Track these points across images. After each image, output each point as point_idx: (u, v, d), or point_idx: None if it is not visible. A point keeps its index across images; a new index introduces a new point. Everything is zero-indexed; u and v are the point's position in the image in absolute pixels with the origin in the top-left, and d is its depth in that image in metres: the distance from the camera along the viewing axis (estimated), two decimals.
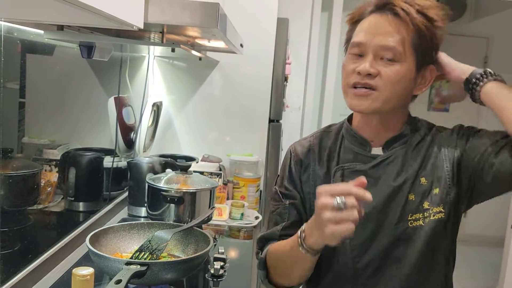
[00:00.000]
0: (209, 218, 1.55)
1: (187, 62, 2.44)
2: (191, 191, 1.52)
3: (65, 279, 1.28)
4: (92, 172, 1.63)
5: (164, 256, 1.28)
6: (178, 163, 1.64)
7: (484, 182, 1.00)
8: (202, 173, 1.94)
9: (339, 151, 1.11)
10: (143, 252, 1.19)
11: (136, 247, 1.24)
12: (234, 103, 2.44)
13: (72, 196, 1.54)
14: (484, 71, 1.02)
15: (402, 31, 0.98)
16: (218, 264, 1.33)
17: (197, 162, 2.20)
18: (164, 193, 1.50)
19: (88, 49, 1.39)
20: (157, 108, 2.24)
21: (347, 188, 0.85)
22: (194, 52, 1.65)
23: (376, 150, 1.09)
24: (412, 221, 1.03)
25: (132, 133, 2.05)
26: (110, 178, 1.85)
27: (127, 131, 1.97)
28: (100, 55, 1.47)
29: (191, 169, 1.61)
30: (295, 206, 1.12)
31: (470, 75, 1.03)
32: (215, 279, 1.33)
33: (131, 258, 1.17)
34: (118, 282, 0.98)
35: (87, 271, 0.99)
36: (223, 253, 1.37)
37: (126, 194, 1.96)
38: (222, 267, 1.33)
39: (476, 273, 4.19)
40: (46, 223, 1.44)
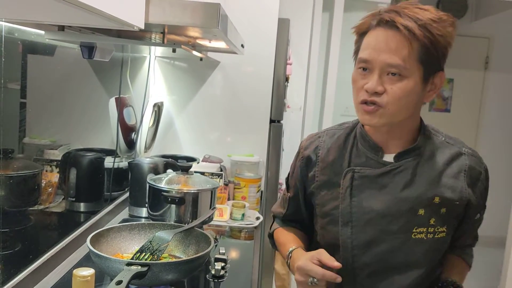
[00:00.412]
0: (210, 219, 1.55)
1: (188, 63, 2.44)
2: (192, 191, 1.52)
3: (65, 280, 1.28)
4: (93, 173, 1.63)
5: (165, 257, 1.28)
6: (179, 164, 1.64)
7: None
8: (203, 173, 1.94)
9: (350, 152, 1.14)
10: (144, 253, 1.19)
11: (137, 248, 1.24)
12: (235, 104, 2.43)
13: (73, 197, 1.54)
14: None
15: (406, 46, 0.99)
16: (219, 265, 1.33)
17: (198, 163, 2.20)
18: (165, 193, 1.50)
19: (89, 49, 1.39)
20: (158, 108, 2.23)
21: (321, 273, 1.00)
22: (195, 53, 1.65)
23: (388, 157, 1.11)
24: (416, 233, 1.07)
25: (133, 133, 2.05)
26: (111, 178, 1.85)
27: (128, 131, 1.97)
28: (101, 56, 1.47)
29: (192, 169, 1.61)
30: (295, 200, 1.26)
31: None
32: (216, 280, 1.33)
33: (132, 258, 1.17)
34: (119, 283, 0.98)
35: (87, 271, 0.99)
36: (224, 253, 1.37)
37: (127, 194, 1.96)
38: (223, 267, 1.33)
39: (478, 273, 4.16)
40: (47, 223, 1.44)
